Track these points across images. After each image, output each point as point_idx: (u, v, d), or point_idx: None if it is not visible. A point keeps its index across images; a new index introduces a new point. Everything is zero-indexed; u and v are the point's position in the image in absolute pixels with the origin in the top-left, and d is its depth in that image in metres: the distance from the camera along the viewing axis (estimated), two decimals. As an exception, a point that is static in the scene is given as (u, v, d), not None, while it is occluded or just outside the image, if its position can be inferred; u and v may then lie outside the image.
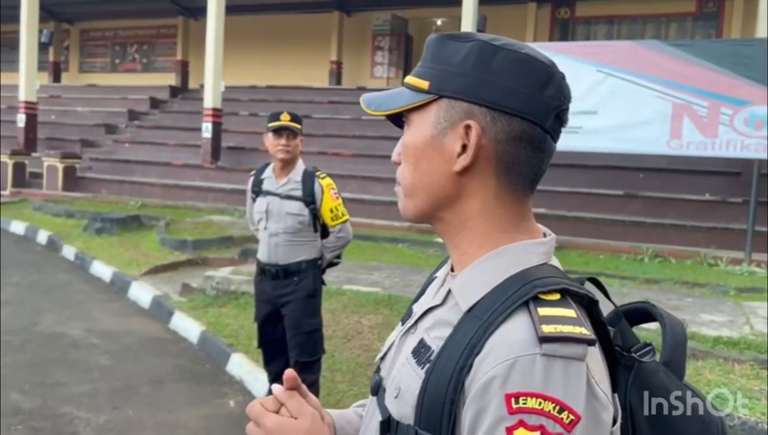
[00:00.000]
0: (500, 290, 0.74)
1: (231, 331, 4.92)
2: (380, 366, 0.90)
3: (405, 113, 0.83)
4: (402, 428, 0.76)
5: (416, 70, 0.83)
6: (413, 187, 0.82)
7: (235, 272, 6.16)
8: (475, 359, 0.69)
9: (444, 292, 0.81)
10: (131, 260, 7.25)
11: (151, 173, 12.75)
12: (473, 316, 0.74)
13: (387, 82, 16.27)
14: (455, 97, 0.78)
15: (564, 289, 0.72)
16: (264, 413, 0.82)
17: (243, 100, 14.94)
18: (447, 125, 0.79)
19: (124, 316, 5.70)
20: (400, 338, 0.86)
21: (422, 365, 0.76)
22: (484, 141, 0.77)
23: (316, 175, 3.21)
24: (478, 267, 0.79)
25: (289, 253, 3.18)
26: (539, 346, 0.67)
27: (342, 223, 3.23)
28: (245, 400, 4.03)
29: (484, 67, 0.77)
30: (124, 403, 3.86)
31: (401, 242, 8.60)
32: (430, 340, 0.78)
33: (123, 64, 19.11)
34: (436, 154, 0.80)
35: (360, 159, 11.82)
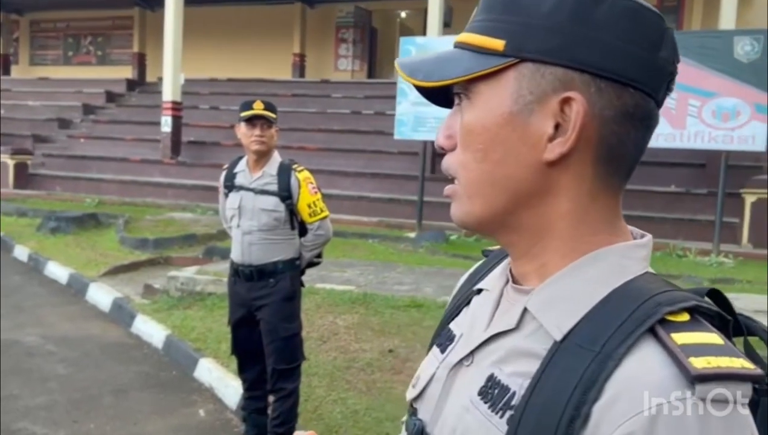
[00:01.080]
0: (608, 310, 0.56)
1: (198, 334, 4.66)
2: (416, 407, 0.71)
3: (464, 83, 0.61)
4: None
5: (480, 25, 0.62)
6: (480, 182, 0.62)
7: (201, 272, 5.89)
8: (593, 407, 0.52)
9: (517, 313, 0.62)
10: (89, 261, 6.90)
11: (107, 169, 12.30)
12: (574, 345, 0.55)
13: (351, 75, 16.05)
14: (545, 61, 0.58)
15: (694, 306, 0.55)
16: None
17: (203, 94, 14.53)
18: (533, 99, 0.59)
19: (82, 320, 5.37)
20: (448, 372, 0.67)
21: (499, 412, 0.58)
22: (587, 119, 0.57)
23: (293, 169, 3.00)
24: (566, 279, 0.60)
25: (265, 253, 2.97)
26: (690, 387, 0.50)
27: (321, 220, 3.02)
28: (216, 408, 3.81)
29: (583, 20, 0.57)
30: (85, 416, 3.59)
31: (371, 238, 8.43)
32: (504, 377, 0.59)
33: (76, 57, 18.40)
34: (516, 138, 0.59)
35: (326, 153, 11.59)
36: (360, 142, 11.87)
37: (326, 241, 3.12)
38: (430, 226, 9.01)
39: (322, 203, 3.03)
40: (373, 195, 10.27)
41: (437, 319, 3.19)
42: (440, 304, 4.91)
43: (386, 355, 4.08)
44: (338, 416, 3.42)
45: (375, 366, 3.95)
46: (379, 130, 11.69)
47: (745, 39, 7.52)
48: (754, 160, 8.98)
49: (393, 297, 5.07)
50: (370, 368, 3.94)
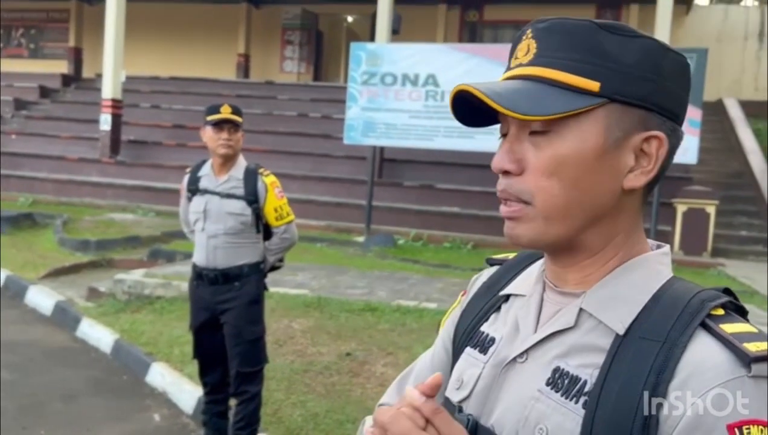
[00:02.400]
0: (661, 307, 0.67)
1: (148, 338, 4.57)
2: (462, 406, 0.76)
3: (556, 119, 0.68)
4: None
5: (570, 65, 0.67)
6: (565, 207, 0.68)
7: (148, 275, 5.77)
8: (668, 387, 0.62)
9: (572, 313, 0.70)
10: (26, 262, 6.64)
11: (42, 167, 11.80)
12: (637, 338, 0.65)
13: (297, 77, 15.99)
14: (632, 104, 0.68)
15: (725, 302, 0.67)
16: (415, 430, 0.62)
17: (144, 92, 14.15)
18: (621, 135, 0.68)
19: (23, 324, 5.17)
20: (500, 370, 0.74)
21: (573, 399, 0.66)
22: (664, 154, 0.69)
23: (259, 173, 3.00)
24: (615, 283, 0.70)
25: (230, 256, 2.96)
26: (747, 367, 0.61)
27: (287, 224, 3.03)
28: (171, 413, 3.75)
29: (659, 70, 0.68)
30: (35, 423, 3.47)
31: (320, 242, 8.43)
32: (572, 369, 0.68)
33: (7, 49, 17.54)
34: (605, 169, 0.68)
35: (272, 155, 11.47)
36: (307, 145, 11.84)
37: (291, 245, 3.14)
38: (378, 229, 9.10)
39: (288, 207, 3.05)
40: (320, 198, 10.27)
41: (392, 322, 3.34)
42: (394, 307, 4.99)
43: (344, 358, 4.12)
44: (299, 419, 3.44)
45: (333, 369, 3.98)
46: (326, 134, 11.71)
47: (678, 57, 7.96)
48: (685, 172, 9.50)
49: (347, 301, 5.11)
50: (328, 371, 3.97)
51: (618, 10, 14.26)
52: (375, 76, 9.09)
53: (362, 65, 9.16)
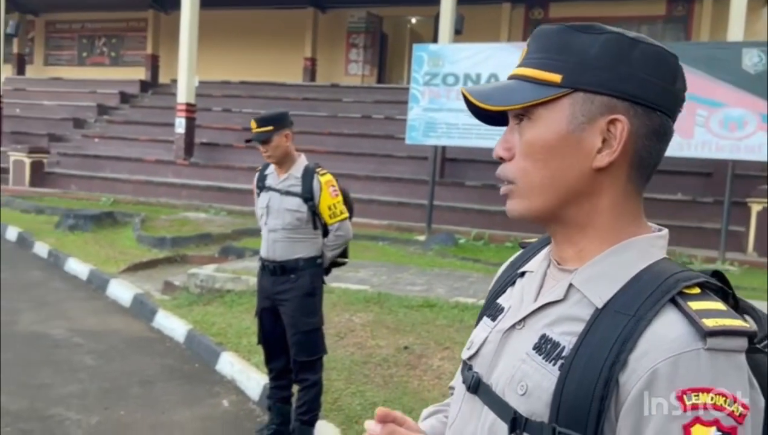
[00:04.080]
0: (638, 285, 0.73)
1: (218, 329, 4.84)
2: (470, 363, 0.87)
3: (527, 107, 0.78)
4: (533, 425, 0.74)
5: (538, 62, 0.78)
6: (541, 185, 0.78)
7: (219, 270, 6.07)
8: (629, 356, 0.68)
9: (563, 287, 0.79)
10: (108, 258, 7.08)
11: (122, 169, 12.49)
12: (612, 311, 0.72)
13: (362, 79, 16.23)
14: (595, 91, 0.75)
15: (704, 282, 0.72)
16: None
17: (216, 96, 14.73)
18: (585, 120, 0.76)
19: (104, 314, 5.56)
20: (501, 335, 0.84)
21: (553, 362, 0.74)
22: (628, 136, 0.75)
23: (316, 172, 3.16)
24: (604, 262, 0.77)
25: (287, 250, 3.15)
26: (703, 340, 0.67)
27: (340, 221, 3.17)
28: (239, 399, 3.97)
29: (624, 60, 0.75)
30: (115, 404, 3.76)
31: (381, 240, 8.59)
32: (555, 336, 0.76)
33: (90, 58, 18.65)
34: (571, 151, 0.77)
35: (336, 156, 11.74)
36: (370, 145, 12.04)
37: (345, 242, 3.26)
38: (439, 229, 9.18)
39: (342, 205, 3.18)
40: (383, 198, 10.43)
41: (450, 318, 3.47)
42: (452, 304, 5.07)
43: (401, 351, 4.24)
44: (357, 408, 3.59)
45: (391, 361, 4.11)
46: (389, 135, 11.87)
47: (752, 51, 7.67)
48: (760, 170, 9.11)
49: (406, 297, 5.23)
50: (386, 363, 4.10)
51: (691, 3, 13.76)
52: (437, 77, 9.18)
53: (424, 66, 9.27)
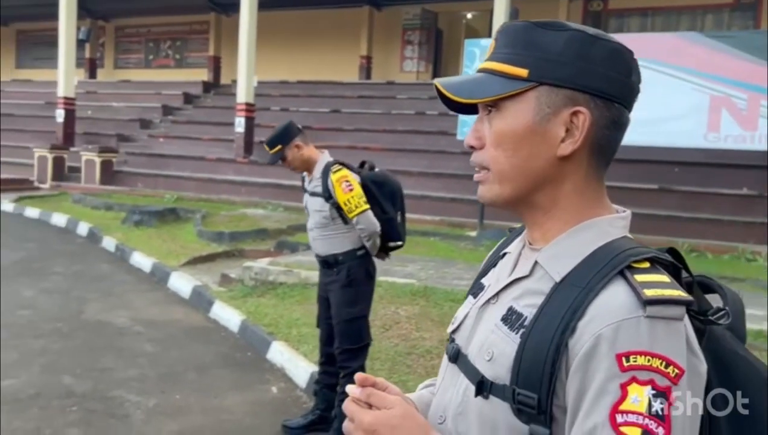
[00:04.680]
0: (593, 260, 0.80)
1: (270, 320, 5.02)
2: (454, 337, 0.95)
3: (495, 100, 0.84)
4: (497, 388, 0.81)
5: (506, 57, 0.84)
6: (510, 172, 0.84)
7: (273, 263, 6.28)
8: (578, 323, 0.75)
9: (530, 265, 0.86)
10: (170, 251, 7.42)
11: (185, 167, 12.98)
12: (568, 284, 0.79)
13: (417, 76, 16.28)
14: (559, 85, 0.81)
15: (653, 257, 0.79)
16: (359, 410, 0.85)
17: (274, 96, 15.09)
18: (550, 111, 0.82)
19: (165, 305, 5.85)
20: (478, 309, 0.91)
21: (516, 330, 0.81)
22: (589, 126, 0.81)
23: (330, 170, 3.21)
24: (565, 241, 0.84)
25: (325, 247, 3.29)
26: (643, 308, 0.73)
27: (359, 215, 3.16)
28: (287, 386, 4.14)
29: (585, 56, 0.81)
30: (172, 388, 3.99)
31: (433, 236, 8.64)
32: (520, 307, 0.83)
33: (156, 60, 19.43)
34: (537, 140, 0.83)
35: (390, 153, 11.87)
36: (423, 142, 12.09)
37: (371, 234, 3.22)
38: (491, 225, 9.14)
39: (357, 199, 3.15)
40: (435, 194, 10.47)
41: None
42: (499, 298, 5.09)
43: (445, 343, 4.29)
44: (399, 397, 3.67)
45: (434, 353, 4.18)
46: (442, 131, 11.89)
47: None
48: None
49: (453, 291, 5.28)
50: (429, 355, 4.18)
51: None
52: (489, 72, 9.15)
53: (476, 61, 9.27)
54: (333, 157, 3.34)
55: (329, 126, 13.35)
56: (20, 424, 3.40)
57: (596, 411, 0.72)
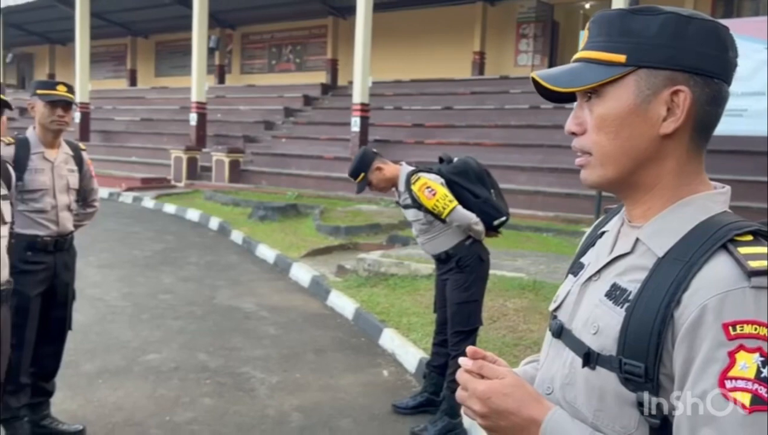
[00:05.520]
0: (695, 235, 0.83)
1: (382, 308, 5.27)
2: (556, 314, 1.01)
3: (596, 86, 0.87)
4: (604, 358, 0.86)
5: (602, 45, 0.87)
6: (614, 154, 0.88)
7: (385, 256, 6.53)
8: (683, 295, 0.79)
9: (631, 242, 0.90)
10: (291, 244, 7.90)
11: (305, 166, 13.63)
12: (671, 259, 0.83)
13: (532, 69, 15.85)
14: (657, 67, 0.84)
15: (756, 230, 0.82)
16: (472, 380, 0.91)
17: (388, 95, 15.46)
18: (650, 93, 0.85)
19: (287, 293, 6.28)
20: (580, 287, 0.96)
21: (620, 305, 0.86)
22: (690, 103, 0.84)
23: (410, 181, 3.30)
24: (667, 217, 0.88)
25: (434, 247, 3.44)
26: (747, 279, 0.76)
27: (450, 214, 3.24)
28: (397, 370, 4.35)
29: (681, 36, 0.84)
30: (292, 367, 4.32)
31: (545, 231, 8.55)
32: (624, 283, 0.88)
33: (279, 65, 20.48)
34: (639, 121, 0.86)
35: (503, 148, 11.82)
36: (537, 136, 11.91)
37: (467, 227, 3.30)
38: (608, 221, 8.88)
39: (443, 201, 3.22)
40: (549, 190, 10.31)
41: None
42: (611, 293, 5.01)
43: (552, 334, 4.32)
44: (505, 385, 3.76)
45: (541, 345, 4.21)
46: (557, 125, 11.64)
47: None
48: None
49: (563, 285, 5.25)
50: (536, 346, 4.22)
51: None
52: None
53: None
54: (425, 157, 3.48)
55: (441, 123, 13.50)
56: (164, 392, 3.85)
57: (705, 378, 0.76)
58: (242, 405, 3.72)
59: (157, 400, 3.74)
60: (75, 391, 3.73)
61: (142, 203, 11.88)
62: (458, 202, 3.26)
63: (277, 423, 3.52)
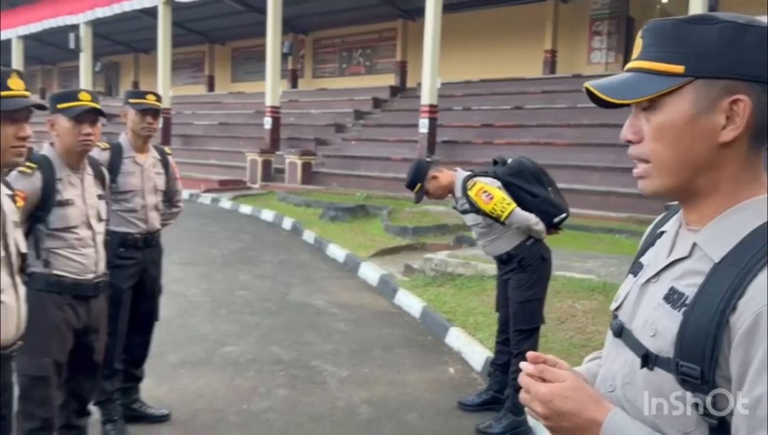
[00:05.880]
0: (751, 241, 0.84)
1: (449, 308, 5.34)
2: (617, 313, 1.03)
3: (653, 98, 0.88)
4: (661, 360, 0.89)
5: (658, 55, 0.88)
6: (672, 163, 0.89)
7: (452, 256, 6.60)
8: (738, 301, 0.81)
9: (688, 246, 0.92)
10: (360, 244, 8.08)
11: (374, 167, 13.81)
12: (727, 265, 0.85)
13: (605, 67, 15.62)
14: (716, 77, 0.85)
15: None
16: (534, 383, 0.94)
17: (457, 96, 15.45)
18: (708, 103, 0.86)
19: (356, 291, 6.45)
20: (639, 288, 0.98)
21: (678, 308, 0.88)
22: (750, 111, 0.85)
23: (466, 187, 3.34)
24: (723, 222, 0.89)
25: (495, 249, 3.50)
26: None
27: (508, 217, 3.27)
28: (463, 368, 4.42)
29: (738, 45, 0.84)
30: (361, 362, 4.47)
31: (618, 233, 8.37)
32: (681, 287, 0.90)
33: (349, 68, 20.82)
34: (698, 130, 0.87)
35: (575, 148, 11.62)
36: (611, 135, 11.59)
37: (527, 228, 3.34)
38: (684, 222, 8.60)
39: (502, 204, 3.25)
40: (622, 190, 10.06)
41: None
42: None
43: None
44: (571, 385, 3.77)
45: (609, 346, 4.19)
46: (631, 124, 11.34)
47: None
48: None
49: (634, 287, 5.17)
50: (604, 348, 4.19)
51: None
52: (682, 60, 8.59)
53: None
54: (486, 157, 3.54)
55: (511, 123, 13.39)
56: (241, 382, 4.08)
57: (761, 382, 0.77)
58: (314, 396, 3.89)
59: (235, 389, 3.96)
60: (161, 379, 4.01)
61: (220, 204, 12.40)
62: (516, 202, 3.29)
63: (347, 414, 3.67)
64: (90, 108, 2.57)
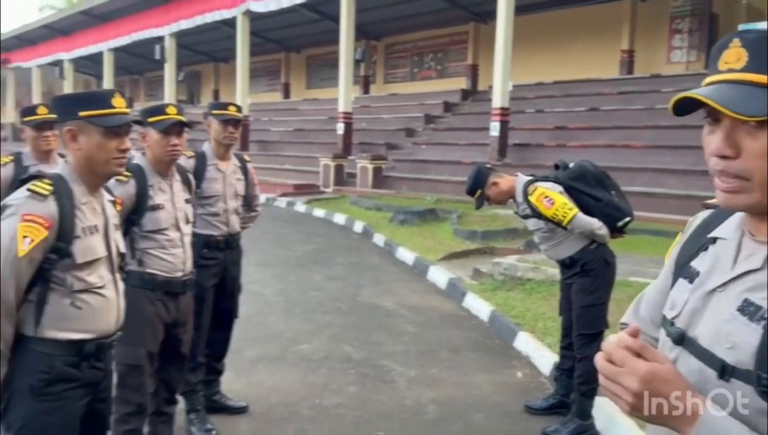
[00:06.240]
0: None
1: (518, 312, 5.36)
2: (674, 321, 1.02)
3: None
4: (740, 372, 0.89)
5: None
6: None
7: (521, 260, 6.59)
8: None
9: (760, 258, 0.92)
10: (429, 248, 8.17)
11: (443, 171, 13.87)
12: None
13: (686, 66, 15.07)
14: None
15: None
16: (633, 359, 0.88)
17: (529, 98, 15.29)
18: None
19: (424, 293, 6.55)
20: (704, 296, 0.98)
21: (757, 321, 0.89)
22: None
23: (527, 192, 3.35)
24: None
25: (558, 253, 3.52)
26: None
27: (570, 222, 3.26)
28: (531, 372, 4.44)
29: None
30: (429, 363, 4.57)
31: (697, 238, 8.08)
32: (757, 300, 0.90)
33: (420, 73, 20.95)
34: None
35: (652, 150, 11.29)
36: (691, 137, 11.18)
37: (591, 232, 3.33)
38: None
39: (563, 209, 3.24)
40: (703, 194, 9.67)
41: None
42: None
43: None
44: (641, 392, 3.73)
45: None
46: (713, 125, 10.91)
47: None
48: None
49: (711, 294, 5.03)
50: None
51: None
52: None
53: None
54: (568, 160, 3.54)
55: (585, 125, 13.14)
56: (314, 378, 4.26)
57: None
58: (383, 394, 4.02)
59: (308, 385, 4.14)
60: (239, 374, 4.24)
61: (295, 207, 12.79)
62: (579, 207, 3.28)
63: (415, 413, 3.78)
64: (176, 121, 2.79)
